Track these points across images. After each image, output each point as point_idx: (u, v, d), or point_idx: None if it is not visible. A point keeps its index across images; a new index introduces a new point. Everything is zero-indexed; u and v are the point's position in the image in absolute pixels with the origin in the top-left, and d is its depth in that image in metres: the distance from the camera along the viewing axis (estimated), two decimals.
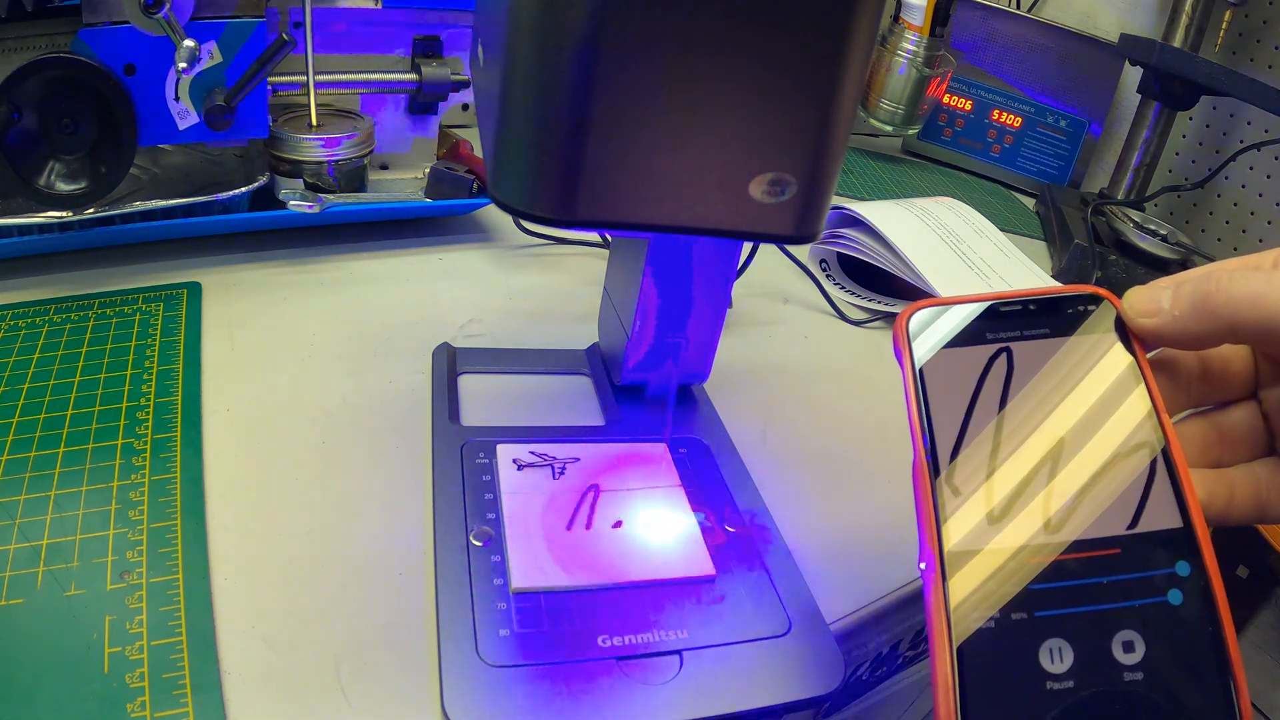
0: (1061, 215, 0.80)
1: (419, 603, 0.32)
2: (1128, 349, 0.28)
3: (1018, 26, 0.93)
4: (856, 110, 0.28)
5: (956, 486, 0.26)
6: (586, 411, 0.44)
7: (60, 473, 0.35)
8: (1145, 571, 0.24)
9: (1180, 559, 0.24)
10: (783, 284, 0.61)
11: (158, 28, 0.43)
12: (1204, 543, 0.24)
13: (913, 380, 0.28)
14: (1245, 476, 0.29)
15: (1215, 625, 0.23)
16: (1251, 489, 0.29)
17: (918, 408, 0.27)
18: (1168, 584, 0.23)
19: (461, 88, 0.58)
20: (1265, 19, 0.82)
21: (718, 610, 0.33)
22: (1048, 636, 0.23)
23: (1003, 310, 0.29)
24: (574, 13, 0.24)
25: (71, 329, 0.44)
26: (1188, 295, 0.27)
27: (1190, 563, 0.24)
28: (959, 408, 0.27)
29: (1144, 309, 0.27)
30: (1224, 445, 0.30)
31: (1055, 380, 0.27)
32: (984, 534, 0.24)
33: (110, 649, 0.28)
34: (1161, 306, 0.27)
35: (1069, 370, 0.27)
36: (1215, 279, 0.26)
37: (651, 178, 0.27)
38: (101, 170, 0.45)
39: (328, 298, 0.50)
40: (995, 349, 0.28)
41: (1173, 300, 0.27)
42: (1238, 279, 0.26)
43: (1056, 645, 0.23)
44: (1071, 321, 0.28)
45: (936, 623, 0.23)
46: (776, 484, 0.41)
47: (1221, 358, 0.30)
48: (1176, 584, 0.23)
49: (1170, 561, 0.24)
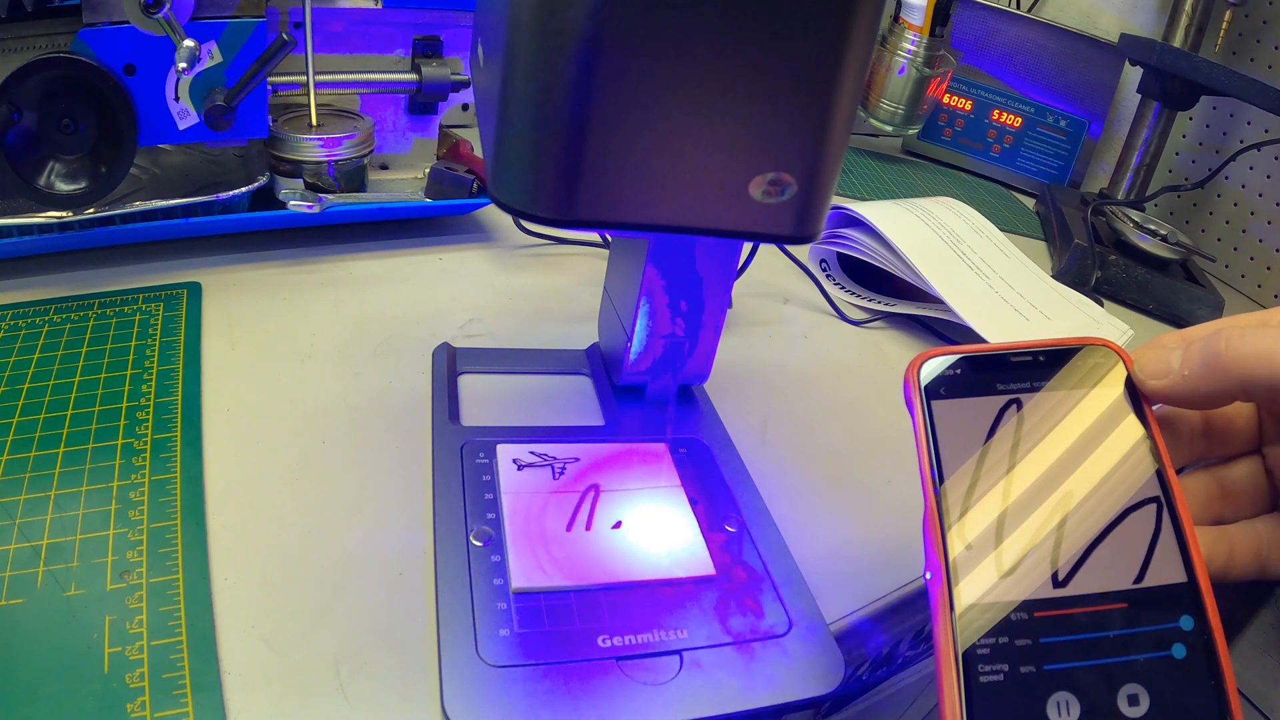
0: (1061, 215, 0.80)
1: (419, 603, 0.32)
2: (1134, 402, 0.28)
3: (1018, 26, 0.93)
4: (856, 110, 0.28)
5: (966, 538, 0.26)
6: (586, 411, 0.44)
7: (60, 473, 0.35)
8: (1150, 626, 0.24)
9: (1184, 613, 0.24)
10: (783, 284, 0.61)
11: (158, 28, 0.43)
12: (1207, 597, 0.24)
13: (924, 430, 0.28)
14: (1246, 534, 0.29)
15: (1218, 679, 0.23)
16: (1252, 546, 0.29)
17: (929, 458, 0.27)
18: (1172, 638, 0.24)
19: (461, 88, 0.58)
20: (1265, 19, 0.82)
21: (718, 610, 0.33)
22: (1055, 690, 0.23)
23: (1012, 360, 0.29)
24: (574, 12, 0.24)
25: (71, 329, 0.44)
26: (1197, 355, 0.26)
27: (1194, 617, 0.24)
28: (969, 458, 0.27)
29: (1153, 370, 0.28)
30: (1226, 500, 0.30)
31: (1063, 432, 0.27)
32: (993, 586, 0.25)
33: (110, 649, 0.28)
34: (1171, 367, 0.27)
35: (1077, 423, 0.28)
36: (1225, 337, 0.26)
37: (651, 178, 0.27)
38: (101, 170, 0.45)
39: (328, 298, 0.50)
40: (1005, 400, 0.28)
41: (1182, 360, 0.27)
42: (1248, 337, 0.25)
43: (1064, 698, 0.23)
44: (1079, 373, 0.29)
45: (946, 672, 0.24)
46: (776, 484, 0.41)
47: (1225, 414, 0.30)
48: (1180, 638, 0.24)
49: (1175, 616, 0.24)
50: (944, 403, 0.28)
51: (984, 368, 0.29)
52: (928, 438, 0.28)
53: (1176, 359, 0.27)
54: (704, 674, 0.30)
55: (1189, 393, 0.27)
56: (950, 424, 0.28)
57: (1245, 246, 0.86)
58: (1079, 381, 0.28)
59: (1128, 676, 0.23)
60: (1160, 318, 0.72)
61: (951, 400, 0.28)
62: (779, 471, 0.42)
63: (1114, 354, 0.29)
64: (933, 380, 0.29)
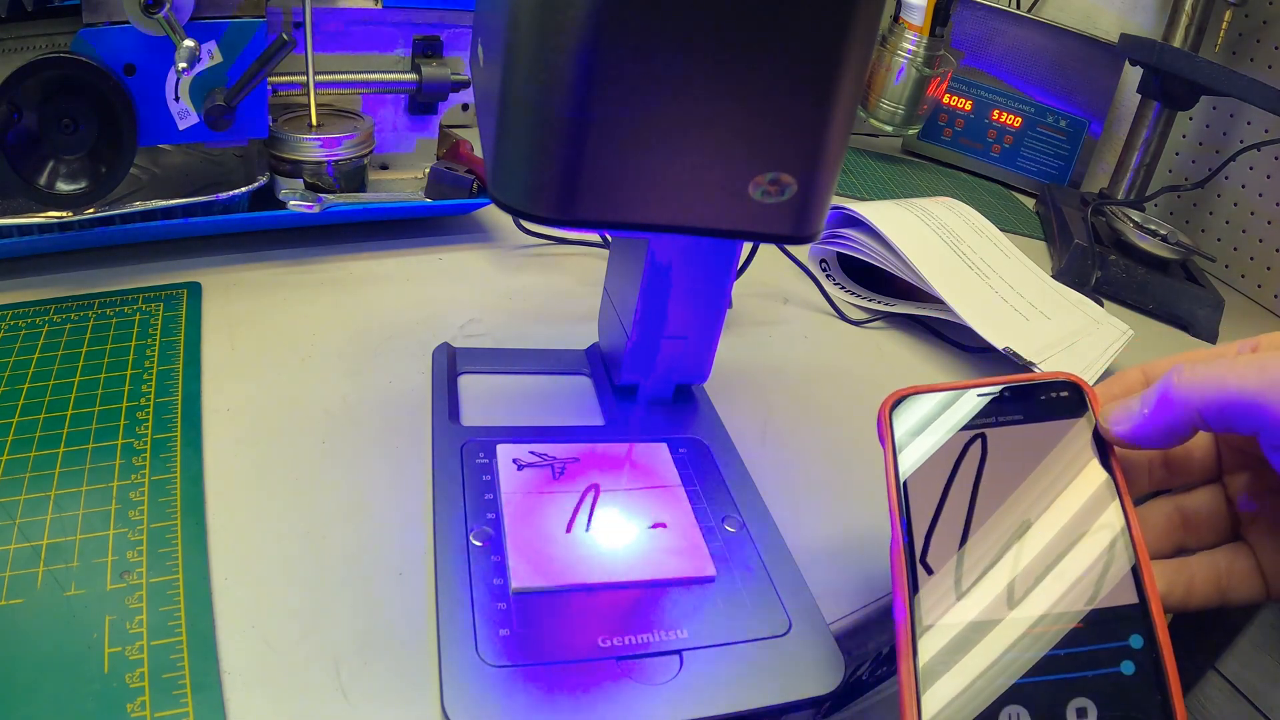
0: (1061, 215, 0.80)
1: (419, 603, 0.32)
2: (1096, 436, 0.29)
3: (1018, 26, 0.93)
4: (856, 110, 0.28)
5: (930, 565, 0.28)
6: (586, 411, 0.44)
7: (60, 473, 0.35)
8: (1100, 644, 0.25)
9: (1134, 632, 0.25)
10: (783, 284, 0.61)
11: (158, 28, 0.43)
12: (1157, 617, 0.26)
13: (893, 465, 0.30)
14: (1205, 564, 0.30)
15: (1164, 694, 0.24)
16: (1211, 575, 0.30)
17: (897, 491, 0.30)
18: (1121, 655, 0.25)
19: (461, 88, 0.58)
20: (1265, 19, 0.82)
21: (718, 610, 0.33)
22: (1007, 703, 0.25)
23: (980, 396, 0.31)
24: (573, 12, 0.24)
25: (71, 329, 0.44)
26: (1154, 393, 0.28)
27: (1143, 636, 0.25)
28: (936, 490, 0.29)
29: (1115, 417, 0.29)
30: (1188, 529, 0.31)
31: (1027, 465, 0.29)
32: (953, 609, 0.27)
33: (110, 649, 0.28)
34: (1132, 410, 0.29)
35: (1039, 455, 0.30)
36: (1178, 369, 0.27)
37: (651, 178, 0.27)
38: (101, 170, 0.45)
39: (328, 298, 0.50)
40: (971, 435, 0.30)
41: (1142, 400, 0.28)
42: (1199, 367, 0.27)
43: (1015, 711, 0.24)
44: (1045, 407, 0.30)
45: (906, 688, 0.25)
46: (776, 484, 0.41)
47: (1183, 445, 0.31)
48: (1129, 655, 0.25)
49: (1125, 635, 0.25)
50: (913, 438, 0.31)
51: (953, 404, 0.31)
52: (896, 473, 0.30)
53: (1137, 402, 0.29)
54: (704, 674, 0.30)
55: (1150, 431, 0.28)
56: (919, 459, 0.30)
57: (1245, 246, 0.86)
58: (1043, 415, 0.30)
59: (1077, 691, 0.24)
60: (1160, 318, 0.72)
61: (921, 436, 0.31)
62: (779, 471, 0.42)
63: (1079, 388, 0.30)
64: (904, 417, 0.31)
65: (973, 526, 0.28)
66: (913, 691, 0.25)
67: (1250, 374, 0.26)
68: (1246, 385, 0.25)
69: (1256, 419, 0.26)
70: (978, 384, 0.31)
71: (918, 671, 0.25)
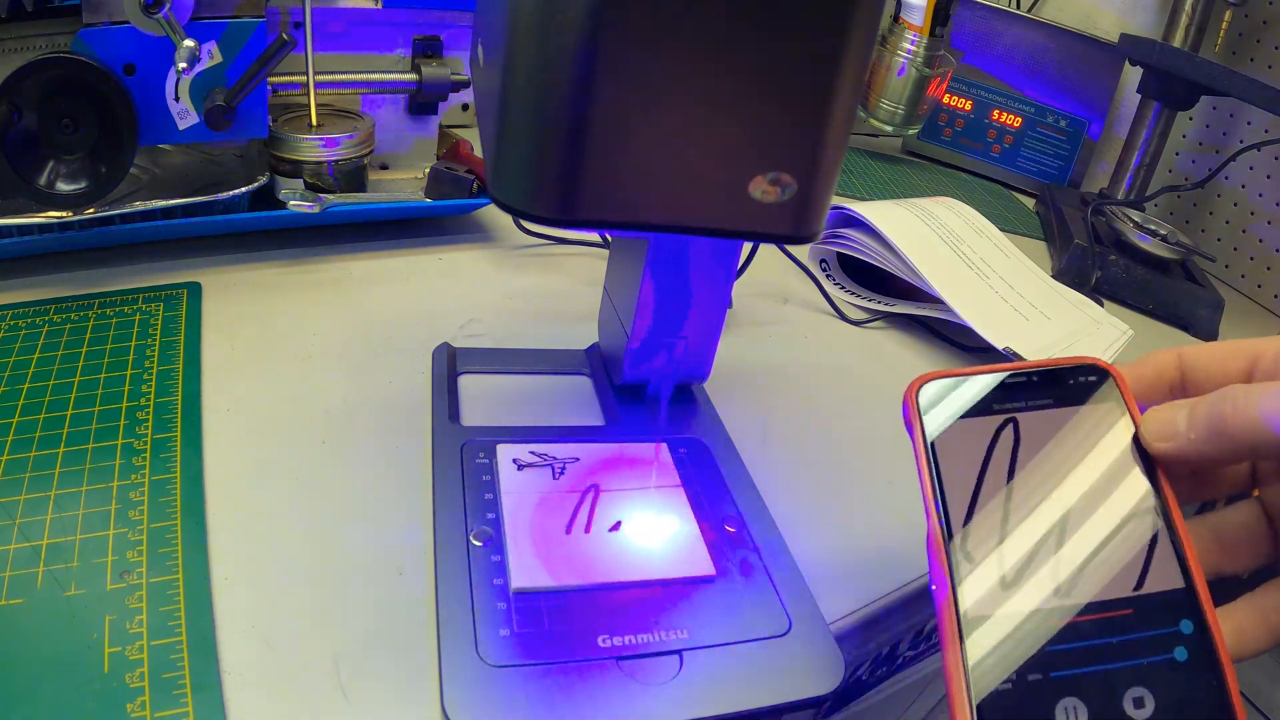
0: (1061, 215, 0.80)
1: (419, 603, 0.32)
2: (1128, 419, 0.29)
3: (1018, 26, 0.93)
4: (856, 110, 0.28)
5: (970, 553, 0.27)
6: (586, 411, 0.44)
7: (60, 473, 0.35)
8: (1151, 631, 0.25)
9: (1184, 618, 0.25)
10: (783, 284, 0.61)
11: (158, 28, 0.43)
12: (1205, 601, 0.25)
13: (924, 451, 0.29)
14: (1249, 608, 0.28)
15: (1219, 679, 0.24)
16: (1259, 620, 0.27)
17: (930, 478, 0.28)
18: (1173, 642, 0.24)
19: (461, 88, 0.58)
20: (1265, 19, 0.82)
21: (718, 610, 0.33)
22: (1063, 696, 0.24)
23: (1009, 382, 0.30)
24: (573, 12, 0.24)
25: (71, 329, 0.44)
26: (1203, 417, 0.26)
27: (1193, 621, 0.25)
28: (970, 477, 0.28)
29: (1159, 432, 0.27)
30: (1223, 552, 0.29)
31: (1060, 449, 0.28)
32: (998, 599, 0.26)
33: (110, 649, 0.28)
34: (1178, 429, 0.27)
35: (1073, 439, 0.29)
36: (1231, 399, 0.25)
37: (651, 178, 0.27)
38: (101, 170, 0.45)
39: (328, 298, 0.50)
40: (1003, 419, 0.29)
41: (1188, 423, 0.26)
42: (1254, 398, 0.25)
43: (1071, 704, 0.24)
44: (1074, 392, 0.30)
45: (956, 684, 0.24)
46: (776, 484, 0.41)
47: None
48: (1181, 641, 0.24)
49: (1174, 620, 0.25)
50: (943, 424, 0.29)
51: (981, 389, 0.30)
52: (929, 459, 0.29)
53: (1183, 420, 0.27)
54: (704, 674, 0.30)
55: (1195, 456, 0.26)
56: (950, 444, 0.29)
57: (1245, 246, 0.86)
58: (1073, 399, 0.29)
59: (1132, 680, 0.24)
60: (1160, 318, 0.72)
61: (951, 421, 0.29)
62: (779, 471, 0.42)
63: (1106, 372, 0.30)
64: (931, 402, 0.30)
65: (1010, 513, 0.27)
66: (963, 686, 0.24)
67: None
68: None
69: None
70: (1002, 368, 0.30)
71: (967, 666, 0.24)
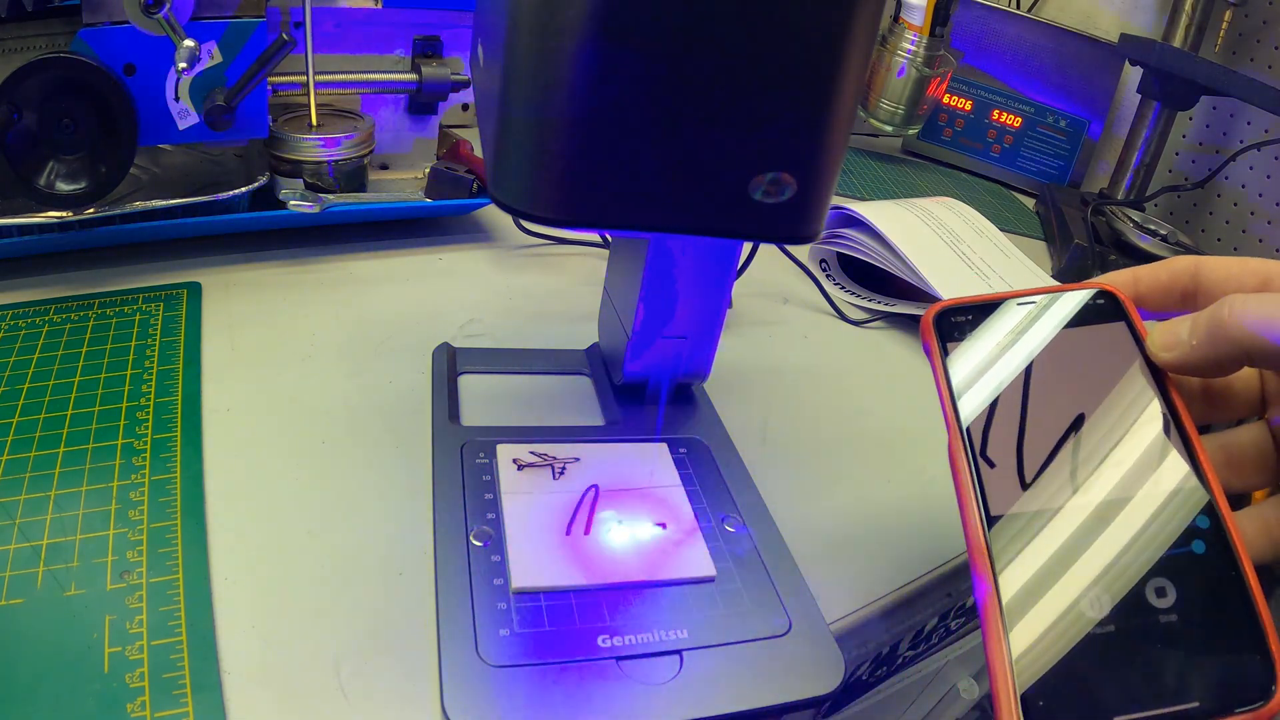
0: (1061, 215, 0.80)
1: (419, 603, 0.32)
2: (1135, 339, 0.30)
3: (1018, 26, 0.93)
4: (856, 110, 0.28)
5: (989, 459, 0.28)
6: (586, 411, 0.44)
7: (60, 473, 0.35)
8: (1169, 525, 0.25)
9: (1200, 514, 0.25)
10: (783, 284, 0.61)
11: (158, 28, 0.43)
12: (1219, 497, 0.26)
13: (942, 371, 0.31)
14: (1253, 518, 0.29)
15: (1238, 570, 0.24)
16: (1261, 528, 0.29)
17: (949, 396, 0.30)
18: (1191, 535, 0.25)
19: (461, 88, 0.58)
20: (1265, 19, 0.82)
21: (718, 610, 0.33)
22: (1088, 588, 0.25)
23: (1020, 305, 0.32)
24: (573, 12, 0.24)
25: (71, 329, 0.44)
26: (1204, 323, 0.27)
27: (1209, 516, 0.25)
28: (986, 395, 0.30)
29: (1164, 342, 0.29)
30: (1231, 468, 0.30)
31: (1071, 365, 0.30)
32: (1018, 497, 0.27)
33: (110, 649, 0.28)
34: (1180, 338, 0.28)
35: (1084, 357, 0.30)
36: (1229, 304, 0.27)
37: (651, 178, 0.26)
38: (101, 170, 0.45)
39: (328, 298, 0.50)
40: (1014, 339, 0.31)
41: (1190, 330, 0.28)
42: (1251, 304, 0.26)
43: (1095, 594, 0.24)
44: (1085, 314, 0.31)
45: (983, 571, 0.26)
46: (776, 484, 0.41)
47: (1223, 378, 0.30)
48: (1199, 535, 0.25)
49: (1190, 516, 0.25)
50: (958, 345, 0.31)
51: (994, 313, 0.32)
52: (946, 379, 0.31)
53: (1185, 329, 0.28)
54: (704, 674, 0.30)
55: (1198, 361, 0.28)
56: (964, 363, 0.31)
57: (1245, 246, 0.86)
58: (1084, 320, 0.31)
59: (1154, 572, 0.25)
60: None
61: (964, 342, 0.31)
62: (779, 471, 0.42)
63: (1115, 295, 0.31)
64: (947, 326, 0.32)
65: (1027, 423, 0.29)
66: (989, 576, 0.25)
67: None
68: None
69: None
70: (1015, 294, 0.32)
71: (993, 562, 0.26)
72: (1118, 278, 0.32)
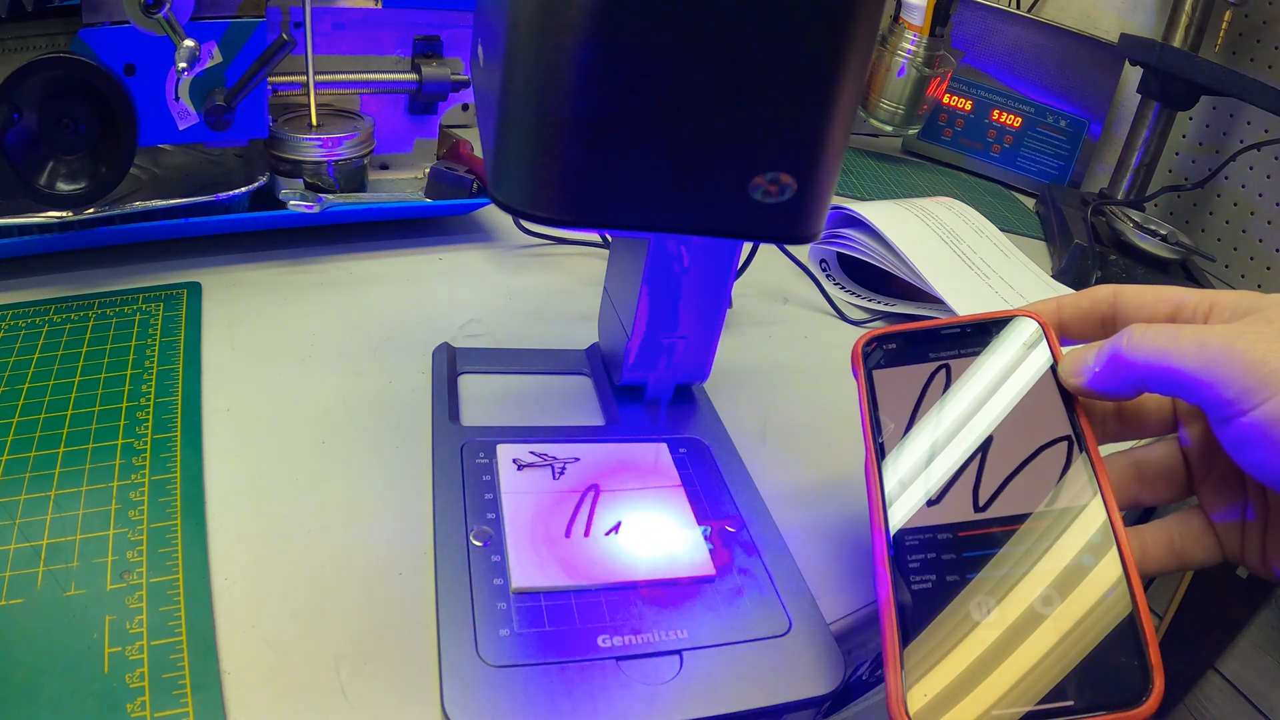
0: (1061, 215, 0.80)
1: (419, 603, 0.32)
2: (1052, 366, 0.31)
3: (1018, 26, 0.93)
4: (856, 110, 0.28)
5: (900, 474, 0.31)
6: (586, 411, 0.44)
7: (60, 473, 0.35)
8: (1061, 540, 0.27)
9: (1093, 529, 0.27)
10: (783, 284, 0.61)
11: (158, 28, 0.43)
12: (1113, 513, 0.27)
13: (865, 395, 0.34)
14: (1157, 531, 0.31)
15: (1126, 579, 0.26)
16: (1164, 539, 0.30)
17: (870, 417, 0.33)
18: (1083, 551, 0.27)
19: (461, 88, 0.58)
20: (1265, 19, 0.82)
21: (718, 610, 0.33)
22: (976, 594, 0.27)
23: (945, 333, 0.34)
24: (573, 12, 0.24)
25: (71, 329, 0.44)
26: (1106, 352, 0.29)
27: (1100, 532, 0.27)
28: (904, 414, 0.32)
29: (1071, 369, 0.30)
30: (1142, 483, 0.32)
31: (985, 387, 0.32)
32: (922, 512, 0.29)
33: (110, 649, 0.28)
34: (1086, 365, 0.30)
35: (998, 379, 0.32)
36: (1128, 334, 0.28)
37: (651, 178, 0.26)
38: (101, 170, 0.45)
39: (328, 298, 0.50)
40: (937, 365, 0.33)
41: (1096, 358, 0.29)
42: (1149, 334, 0.27)
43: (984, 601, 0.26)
44: (1003, 340, 0.33)
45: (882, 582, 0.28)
46: (776, 484, 0.41)
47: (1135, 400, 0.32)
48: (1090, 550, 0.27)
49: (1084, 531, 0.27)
50: (884, 371, 0.34)
51: (919, 341, 0.34)
52: (869, 399, 0.33)
53: (1091, 357, 0.29)
54: (704, 674, 0.30)
55: (1100, 388, 0.29)
56: (888, 388, 0.33)
57: (1245, 246, 0.86)
58: (1003, 347, 0.33)
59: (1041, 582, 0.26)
60: None
61: (890, 369, 0.34)
62: (779, 471, 0.42)
63: (1034, 322, 0.33)
64: (874, 353, 0.35)
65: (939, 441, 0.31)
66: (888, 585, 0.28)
67: (1190, 350, 0.26)
68: (1185, 362, 0.26)
69: (1196, 395, 0.26)
70: (939, 323, 0.34)
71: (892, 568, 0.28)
72: (1043, 306, 0.33)
